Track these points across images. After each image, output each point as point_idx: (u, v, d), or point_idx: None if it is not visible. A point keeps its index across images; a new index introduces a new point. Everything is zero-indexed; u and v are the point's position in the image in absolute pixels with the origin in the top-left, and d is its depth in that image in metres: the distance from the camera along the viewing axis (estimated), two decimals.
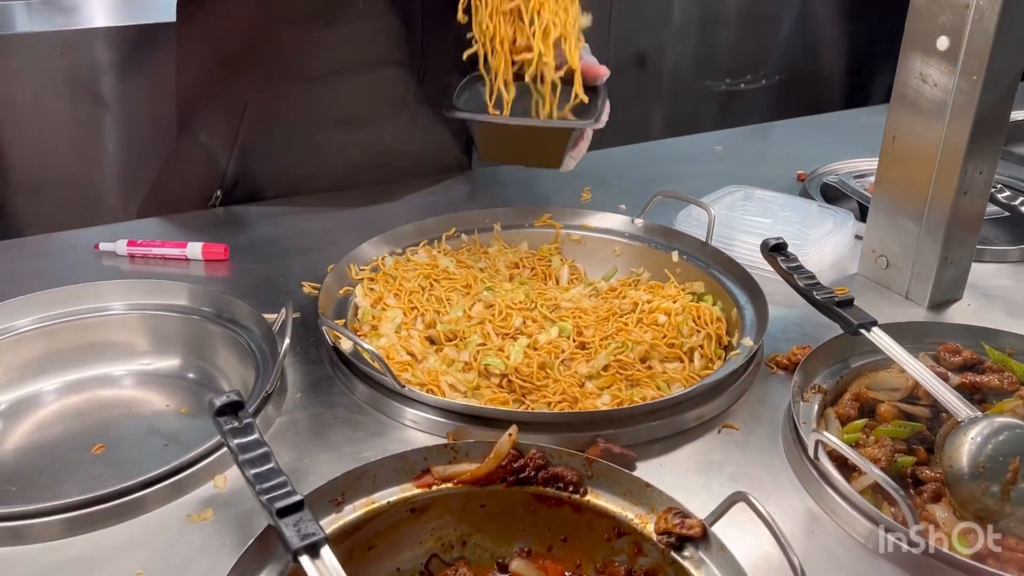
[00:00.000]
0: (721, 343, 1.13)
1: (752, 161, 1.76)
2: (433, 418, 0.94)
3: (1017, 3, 1.02)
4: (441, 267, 1.24)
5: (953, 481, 0.84)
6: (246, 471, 0.74)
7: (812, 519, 0.83)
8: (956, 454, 0.84)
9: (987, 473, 0.82)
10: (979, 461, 0.83)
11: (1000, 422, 0.86)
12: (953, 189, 1.11)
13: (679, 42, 3.27)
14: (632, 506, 0.79)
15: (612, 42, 3.13)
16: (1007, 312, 1.20)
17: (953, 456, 0.84)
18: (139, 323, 1.09)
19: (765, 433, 0.95)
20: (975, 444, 0.84)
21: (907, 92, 1.13)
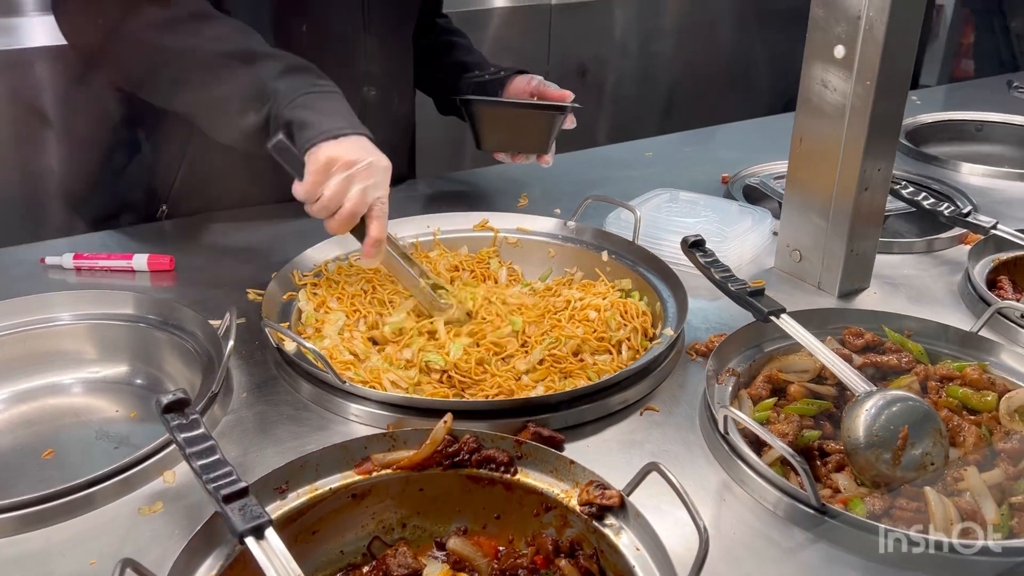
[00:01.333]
0: (647, 335, 1.20)
1: (681, 165, 1.84)
2: (374, 411, 1.00)
3: (903, 15, 1.12)
4: (383, 271, 1.30)
5: (851, 450, 0.92)
6: (193, 463, 0.79)
7: (724, 489, 0.91)
8: (853, 425, 0.92)
9: (880, 441, 0.90)
10: (873, 430, 0.91)
11: (892, 395, 0.94)
12: (855, 186, 1.20)
13: (620, 53, 3.38)
14: (558, 482, 0.86)
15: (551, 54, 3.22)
16: (909, 299, 1.30)
17: (850, 427, 0.92)
18: (87, 332, 1.12)
19: (683, 414, 1.02)
20: (869, 415, 0.92)
21: (811, 97, 1.22)
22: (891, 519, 0.87)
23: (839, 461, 0.96)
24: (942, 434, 0.92)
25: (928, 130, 2.09)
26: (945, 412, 0.98)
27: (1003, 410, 0.97)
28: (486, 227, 1.44)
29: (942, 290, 1.33)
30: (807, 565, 0.82)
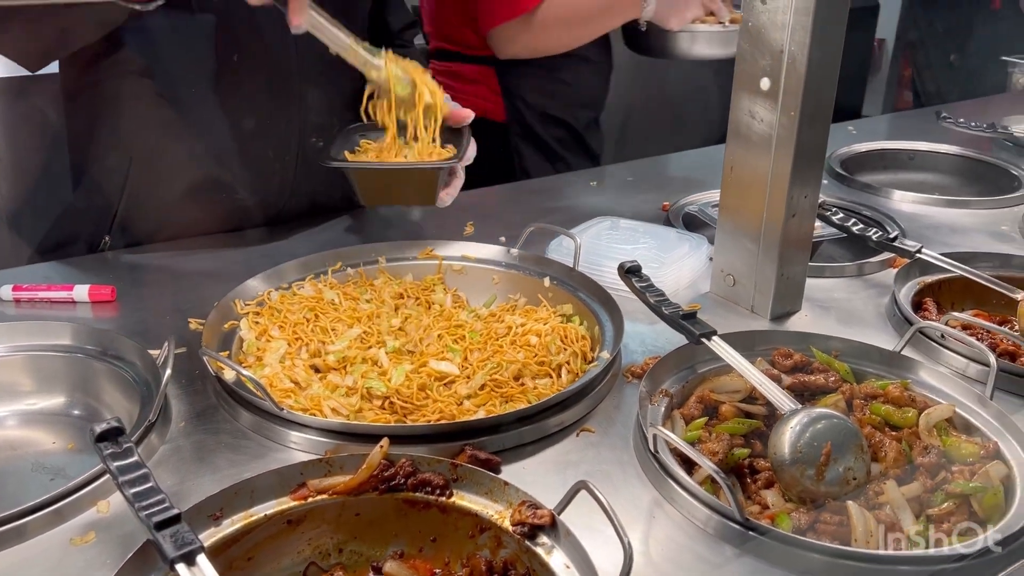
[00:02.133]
0: (586, 359, 1.23)
1: (624, 195, 1.89)
2: (313, 438, 1.01)
3: (823, 49, 1.17)
4: (327, 300, 1.31)
5: (777, 466, 0.95)
6: (125, 491, 0.79)
7: (655, 506, 0.93)
8: (779, 442, 0.95)
9: (804, 458, 0.94)
10: (798, 447, 0.94)
11: (816, 412, 0.98)
12: (783, 213, 1.25)
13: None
14: (493, 504, 0.87)
15: None
16: (839, 320, 1.34)
17: (776, 444, 0.95)
18: (23, 364, 1.12)
19: (618, 435, 1.05)
20: (794, 432, 0.95)
21: (739, 128, 1.27)
22: (816, 533, 0.90)
23: (768, 478, 0.99)
24: (864, 450, 0.96)
25: (863, 158, 2.17)
26: (868, 429, 1.02)
27: (922, 426, 1.01)
28: (431, 255, 1.46)
29: (870, 312, 1.38)
30: None
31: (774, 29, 1.18)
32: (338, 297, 1.32)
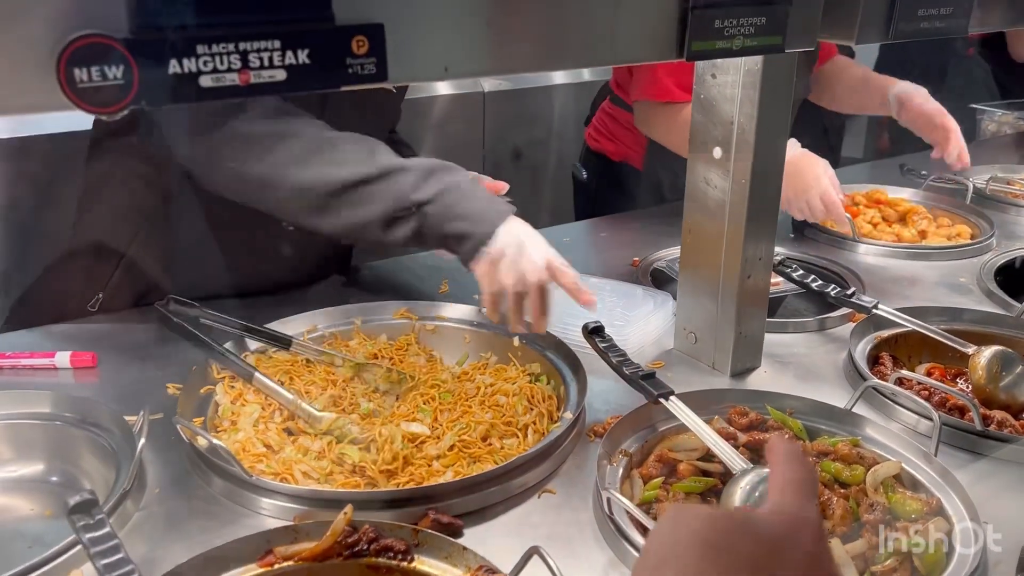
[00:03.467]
0: (552, 418, 1.27)
1: (595, 250, 1.94)
2: (283, 504, 1.04)
3: (770, 119, 1.23)
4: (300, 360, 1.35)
5: None
6: (97, 563, 0.83)
7: (611, 568, 0.96)
8: (729, 500, 0.99)
9: None
10: (747, 505, 0.98)
11: (766, 471, 1.01)
12: (738, 274, 1.30)
13: (555, 137, 3.52)
14: (452, 568, 0.91)
15: (486, 138, 3.36)
16: (797, 377, 1.39)
17: (726, 502, 0.99)
18: (2, 432, 1.15)
19: (579, 495, 1.08)
20: (744, 492, 0.99)
21: (696, 193, 1.33)
22: None
23: None
24: None
25: None
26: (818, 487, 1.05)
27: (869, 483, 1.05)
28: (405, 315, 1.50)
29: (828, 367, 1.42)
30: None
31: (724, 101, 1.25)
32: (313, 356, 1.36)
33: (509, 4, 0.81)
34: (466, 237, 1.21)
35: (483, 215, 1.22)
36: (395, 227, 1.23)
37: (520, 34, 0.83)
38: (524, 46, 0.84)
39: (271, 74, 0.70)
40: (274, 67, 0.70)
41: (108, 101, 0.64)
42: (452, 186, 1.23)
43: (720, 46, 0.96)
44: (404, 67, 0.75)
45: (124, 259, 1.53)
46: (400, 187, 1.22)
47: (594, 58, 0.93)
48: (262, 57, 0.69)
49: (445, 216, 1.22)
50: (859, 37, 1.11)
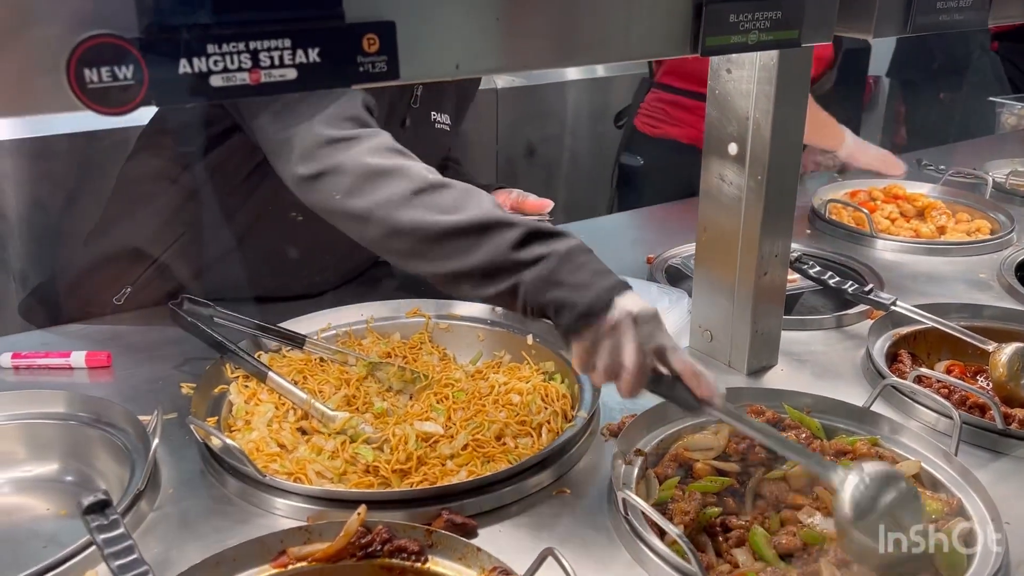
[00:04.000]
0: (566, 417, 1.26)
1: (610, 247, 1.92)
2: (296, 504, 1.04)
3: (786, 114, 1.22)
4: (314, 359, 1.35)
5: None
6: (111, 564, 0.83)
7: (627, 570, 0.96)
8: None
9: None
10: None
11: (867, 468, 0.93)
12: (754, 271, 1.29)
13: (569, 133, 3.51)
14: (466, 569, 0.90)
15: (500, 136, 3.35)
16: (814, 375, 1.37)
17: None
18: (18, 432, 1.16)
19: (594, 496, 1.08)
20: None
21: (710, 190, 1.32)
22: None
23: (740, 536, 1.01)
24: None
25: None
26: None
27: None
28: (418, 314, 1.50)
29: (846, 365, 1.40)
30: None
31: (739, 97, 1.23)
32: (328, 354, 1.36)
33: (520, 0, 0.80)
34: (566, 307, 1.05)
35: (588, 285, 1.06)
36: (491, 284, 1.11)
37: (532, 30, 0.82)
38: (536, 42, 0.83)
39: (282, 73, 0.69)
40: (284, 66, 0.69)
41: (118, 101, 0.64)
42: (556, 254, 1.09)
43: (735, 41, 0.94)
44: (415, 65, 0.75)
45: (152, 259, 1.54)
46: (500, 243, 1.11)
47: (607, 54, 0.92)
48: (272, 56, 0.68)
49: (544, 282, 1.07)
50: (876, 30, 1.09)
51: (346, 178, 1.19)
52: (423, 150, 1.57)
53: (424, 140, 1.56)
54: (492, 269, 1.10)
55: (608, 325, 1.02)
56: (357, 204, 1.18)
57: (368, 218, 1.17)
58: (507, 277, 1.09)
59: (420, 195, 1.16)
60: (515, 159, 3.39)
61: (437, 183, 1.18)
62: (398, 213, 1.16)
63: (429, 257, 1.15)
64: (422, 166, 1.22)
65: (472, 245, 1.11)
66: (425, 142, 1.56)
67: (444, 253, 1.13)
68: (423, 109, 1.54)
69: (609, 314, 1.03)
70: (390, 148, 1.23)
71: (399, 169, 1.19)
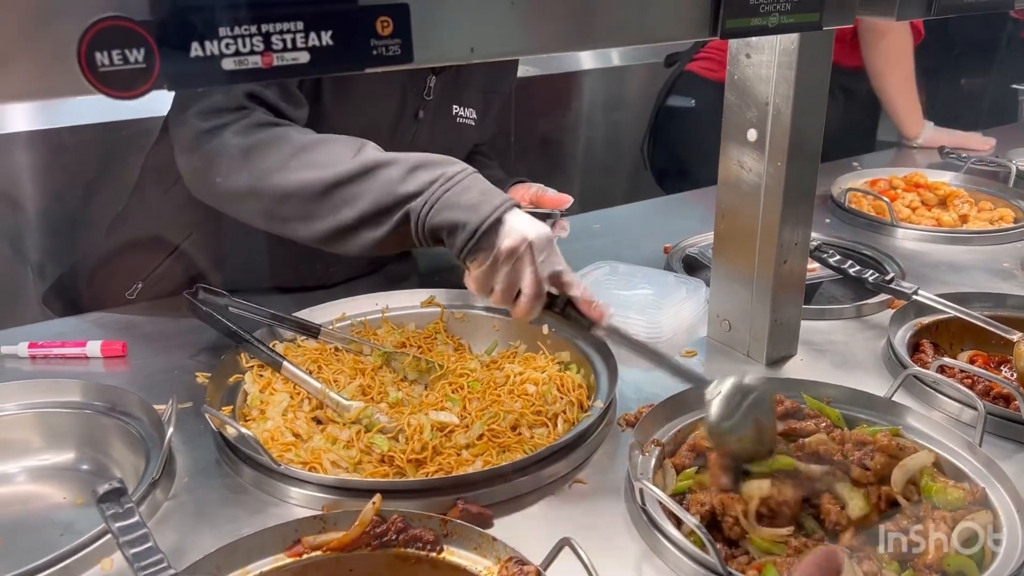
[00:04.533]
0: (582, 407, 1.24)
1: (626, 237, 1.91)
2: (311, 493, 1.03)
3: (807, 99, 1.20)
4: (328, 349, 1.34)
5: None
6: (126, 552, 0.83)
7: (644, 559, 0.94)
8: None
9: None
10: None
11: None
12: (774, 259, 1.27)
13: (584, 123, 3.49)
14: (482, 559, 0.90)
15: (515, 126, 3.33)
16: (834, 365, 1.35)
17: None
18: (34, 421, 1.16)
19: (610, 486, 1.06)
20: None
21: (729, 177, 1.30)
22: None
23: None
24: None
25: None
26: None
27: (898, 478, 1.01)
28: (432, 303, 1.49)
29: (867, 355, 1.38)
30: None
31: (759, 82, 1.21)
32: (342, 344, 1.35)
33: None
34: (459, 227, 1.08)
35: (478, 205, 1.09)
36: (385, 223, 1.12)
37: (547, 13, 0.81)
38: (552, 25, 0.82)
39: (294, 56, 0.68)
40: (297, 49, 0.68)
41: (129, 85, 0.63)
42: (443, 178, 1.12)
43: (755, 23, 0.93)
44: (430, 48, 0.73)
45: (172, 249, 1.54)
46: (385, 182, 1.12)
47: (623, 37, 0.91)
48: (285, 39, 0.67)
49: (434, 207, 1.10)
50: (900, 13, 1.07)
51: (221, 161, 1.20)
52: (442, 144, 1.56)
53: (443, 134, 1.54)
54: (383, 208, 1.12)
55: (505, 250, 1.07)
56: (238, 181, 1.19)
57: (252, 192, 1.19)
58: (398, 210, 1.11)
59: (296, 156, 1.17)
60: (530, 149, 3.38)
61: (311, 142, 1.20)
62: (279, 178, 1.17)
63: (320, 214, 1.16)
64: (295, 130, 1.22)
65: (359, 191, 1.13)
66: (444, 136, 1.55)
67: (334, 205, 1.15)
68: (441, 102, 1.52)
69: (503, 237, 1.07)
70: (261, 123, 1.23)
71: (272, 139, 1.20)
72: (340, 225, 1.15)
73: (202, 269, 1.55)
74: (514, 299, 1.09)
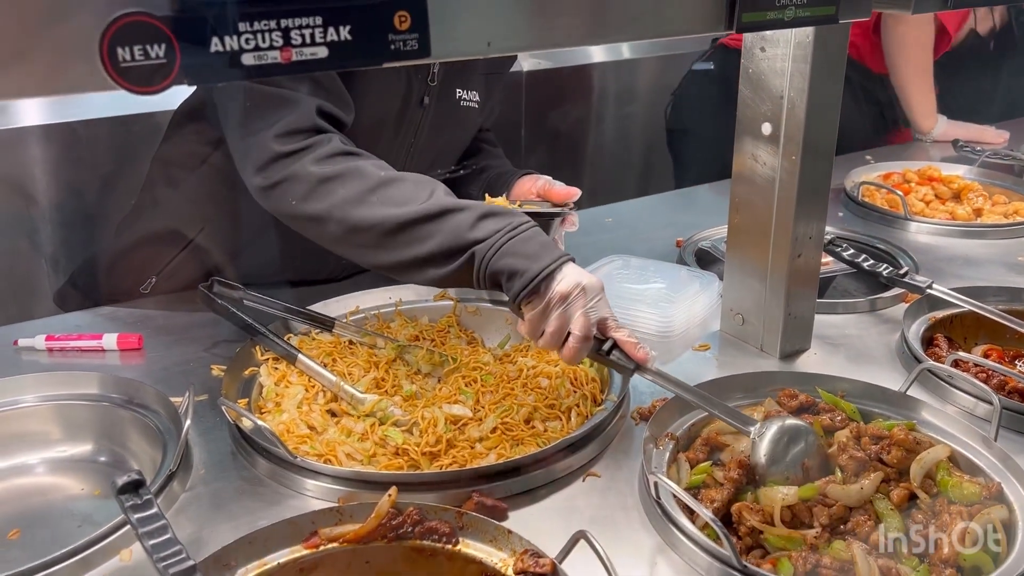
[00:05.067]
0: (596, 401, 1.25)
1: (638, 231, 1.91)
2: (326, 485, 1.04)
3: (822, 93, 1.19)
4: (343, 342, 1.35)
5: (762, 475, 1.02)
6: (145, 543, 0.83)
7: (658, 553, 0.95)
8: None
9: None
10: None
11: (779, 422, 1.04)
12: (788, 253, 1.26)
13: (594, 116, 3.48)
14: (497, 551, 0.90)
15: (525, 119, 3.33)
16: (848, 359, 1.35)
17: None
18: (52, 413, 1.17)
19: (624, 479, 1.07)
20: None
21: (743, 170, 1.30)
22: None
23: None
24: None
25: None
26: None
27: (915, 472, 1.01)
28: (446, 297, 1.49)
29: (881, 349, 1.38)
30: None
31: (773, 76, 1.21)
32: (357, 336, 1.36)
33: None
34: (518, 274, 1.14)
35: (537, 255, 1.15)
36: (450, 263, 1.19)
37: (563, 8, 0.81)
38: (568, 20, 0.82)
39: (313, 51, 0.69)
40: (316, 44, 0.68)
41: (150, 80, 0.63)
42: (508, 227, 1.18)
43: (771, 17, 0.92)
44: (447, 43, 0.74)
45: (185, 243, 1.54)
46: (456, 225, 1.19)
47: (639, 31, 0.90)
48: (304, 34, 0.67)
49: (497, 252, 1.16)
50: (916, 6, 1.07)
51: (300, 186, 1.25)
52: (448, 128, 1.56)
53: (448, 118, 1.55)
54: (450, 250, 1.19)
55: (559, 294, 1.12)
56: (314, 208, 1.25)
57: (327, 219, 1.24)
58: (463, 252, 1.18)
59: (374, 192, 1.23)
60: (540, 142, 3.37)
61: (388, 179, 1.25)
62: (355, 211, 1.23)
63: (390, 247, 1.22)
64: (373, 164, 1.28)
65: (430, 231, 1.20)
66: (449, 120, 1.55)
67: (404, 242, 1.21)
68: (445, 86, 1.52)
69: (557, 282, 1.13)
70: (339, 152, 1.28)
71: (350, 171, 1.25)
72: (408, 260, 1.22)
73: (215, 263, 1.56)
74: (563, 343, 1.14)
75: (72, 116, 2.23)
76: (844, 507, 0.98)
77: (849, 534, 0.97)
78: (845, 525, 0.98)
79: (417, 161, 1.55)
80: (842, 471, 1.02)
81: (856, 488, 0.99)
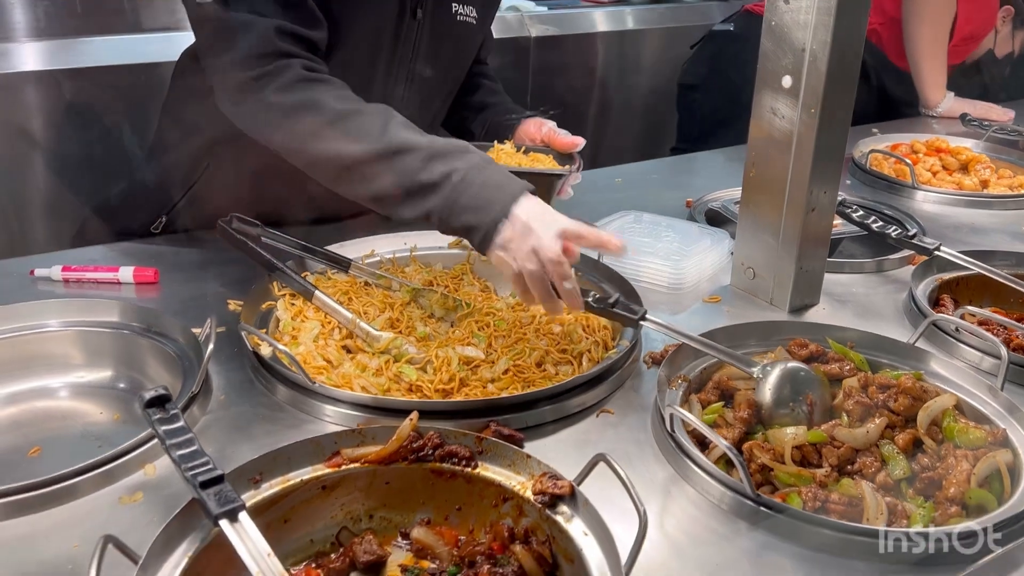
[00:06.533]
0: (607, 347, 1.26)
1: (648, 191, 1.93)
2: (345, 411, 1.06)
3: (844, 47, 1.20)
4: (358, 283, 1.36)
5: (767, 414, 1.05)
6: (172, 453, 0.85)
7: (671, 483, 0.97)
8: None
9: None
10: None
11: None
12: (802, 208, 1.28)
13: (598, 84, 3.48)
14: (515, 475, 0.92)
15: (532, 84, 3.33)
16: (856, 314, 1.37)
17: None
18: (73, 338, 1.18)
19: (636, 416, 1.09)
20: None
21: (761, 125, 1.31)
22: (825, 511, 0.93)
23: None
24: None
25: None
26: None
27: (922, 419, 1.03)
28: (461, 245, 1.51)
29: (888, 307, 1.40)
30: (745, 551, 0.88)
31: (796, 28, 1.22)
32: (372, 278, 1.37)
33: None
34: (474, 229, 1.14)
35: (488, 204, 1.14)
36: (407, 207, 1.19)
37: None
38: None
39: None
40: None
41: None
42: (456, 171, 1.16)
43: None
44: None
45: (195, 181, 1.55)
46: (405, 168, 1.18)
47: None
48: None
49: (451, 210, 1.16)
50: None
51: (264, 115, 1.26)
52: (444, 46, 1.53)
53: (444, 34, 1.52)
54: (404, 192, 1.19)
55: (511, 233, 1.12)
56: (279, 139, 1.26)
57: (291, 151, 1.26)
58: (418, 201, 1.18)
59: (332, 125, 1.22)
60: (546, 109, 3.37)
61: (345, 112, 1.24)
62: (313, 145, 1.23)
63: (349, 181, 1.23)
64: (334, 94, 1.27)
65: (382, 171, 1.19)
66: (446, 37, 1.53)
67: (360, 178, 1.22)
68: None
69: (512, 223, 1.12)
70: (300, 80, 1.26)
71: (308, 103, 1.24)
72: (367, 196, 1.23)
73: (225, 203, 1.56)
74: (556, 305, 1.15)
75: (69, 63, 2.22)
76: (851, 449, 1.01)
77: (856, 474, 0.99)
78: (852, 466, 1.00)
79: (418, 88, 1.53)
80: (848, 416, 1.05)
81: (862, 431, 1.01)
